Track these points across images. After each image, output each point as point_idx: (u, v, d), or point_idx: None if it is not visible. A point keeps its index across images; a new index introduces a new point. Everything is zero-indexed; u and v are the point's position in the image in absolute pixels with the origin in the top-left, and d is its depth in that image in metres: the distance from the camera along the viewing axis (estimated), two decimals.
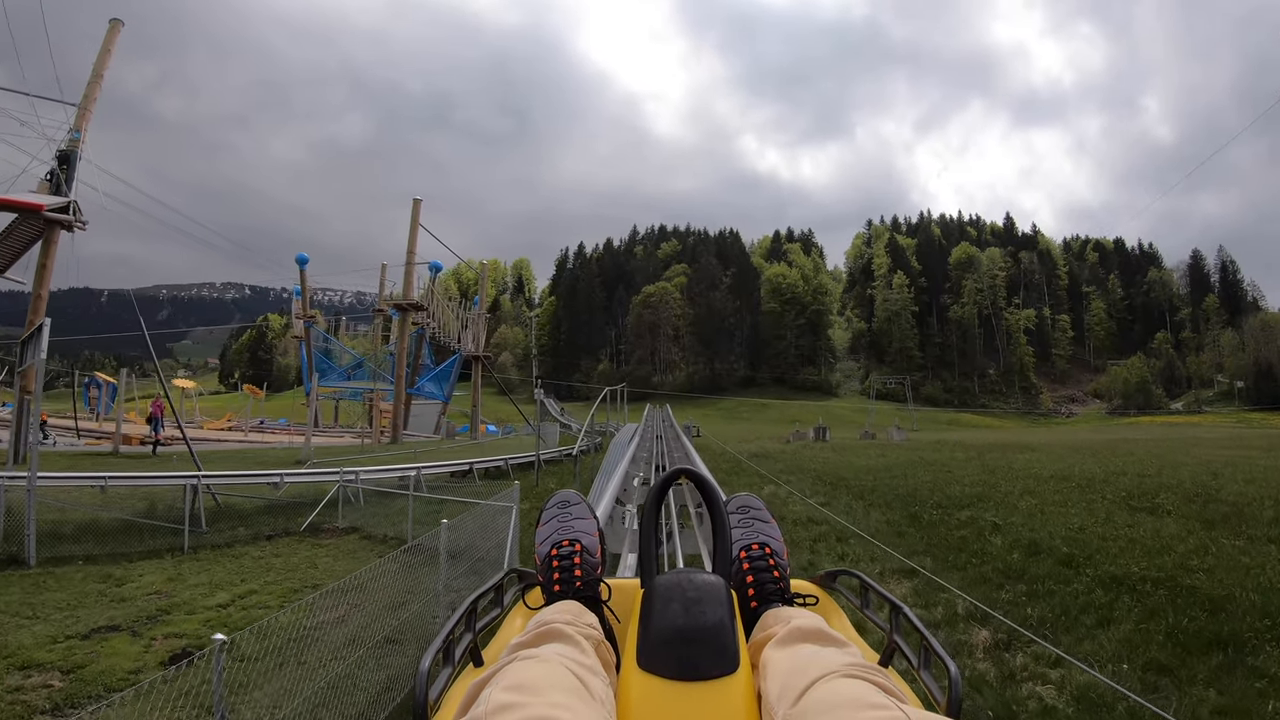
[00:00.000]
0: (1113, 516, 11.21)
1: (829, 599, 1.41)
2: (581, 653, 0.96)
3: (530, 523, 12.84)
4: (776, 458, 21.66)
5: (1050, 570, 8.43)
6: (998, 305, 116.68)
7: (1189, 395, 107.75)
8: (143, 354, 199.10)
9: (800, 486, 15.54)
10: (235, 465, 20.75)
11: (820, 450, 24.37)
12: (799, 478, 16.99)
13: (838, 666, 0.85)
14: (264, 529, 13.16)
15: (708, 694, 0.86)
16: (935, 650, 0.99)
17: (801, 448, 25.91)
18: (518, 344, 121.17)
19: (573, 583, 1.24)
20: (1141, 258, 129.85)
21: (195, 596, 9.41)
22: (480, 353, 40.53)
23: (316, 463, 17.25)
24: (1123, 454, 21.21)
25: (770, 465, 19.65)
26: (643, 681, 0.88)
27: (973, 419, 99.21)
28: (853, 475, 16.76)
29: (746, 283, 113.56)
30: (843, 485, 15.35)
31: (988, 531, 10.20)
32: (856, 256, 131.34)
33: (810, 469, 18.53)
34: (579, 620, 1.08)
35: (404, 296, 32.97)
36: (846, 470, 17.80)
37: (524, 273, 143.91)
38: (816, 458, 21.47)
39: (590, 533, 1.36)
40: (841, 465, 19.05)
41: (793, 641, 0.99)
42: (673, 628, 0.93)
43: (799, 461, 20.66)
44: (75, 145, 22.59)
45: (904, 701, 0.78)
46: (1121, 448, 24.05)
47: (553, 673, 0.85)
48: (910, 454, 21.84)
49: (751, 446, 26.37)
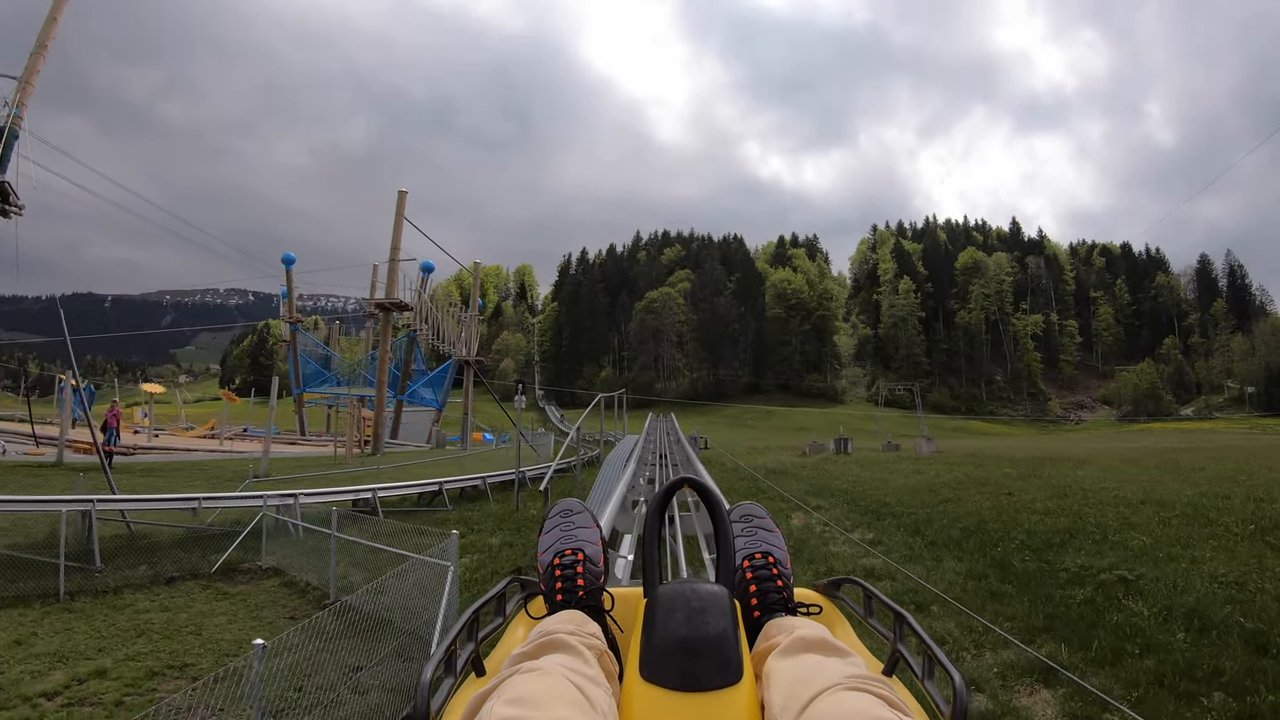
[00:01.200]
0: (1265, 561, 8.36)
1: (833, 608, 1.39)
2: (584, 663, 0.94)
3: (482, 576, 10.12)
4: (797, 474, 18.82)
5: (1246, 663, 5.60)
6: (1004, 311, 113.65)
7: (1199, 401, 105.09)
8: (144, 358, 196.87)
9: (835, 515, 12.74)
10: (184, 480, 18.11)
11: (845, 465, 21.44)
12: (830, 502, 14.13)
13: (842, 678, 0.83)
14: (170, 568, 10.39)
15: (711, 705, 0.85)
16: (939, 660, 0.97)
17: (822, 461, 22.96)
18: (520, 350, 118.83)
19: (575, 592, 1.22)
20: (1148, 262, 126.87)
21: (25, 675, 6.68)
22: (472, 357, 37.66)
23: (254, 482, 14.42)
24: (1191, 468, 18.31)
25: (792, 484, 16.83)
26: (646, 692, 0.87)
27: (981, 426, 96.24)
28: (895, 499, 13.89)
29: (751, 288, 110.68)
30: (887, 514, 12.48)
31: (1118, 591, 7.33)
32: (861, 262, 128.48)
33: (840, 489, 15.67)
34: (582, 630, 1.06)
35: (387, 296, 30.15)
36: (884, 492, 14.95)
37: (527, 278, 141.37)
38: (843, 474, 18.59)
39: (593, 542, 1.33)
40: (875, 484, 16.19)
41: (796, 651, 0.98)
42: (675, 638, 0.91)
43: (824, 479, 17.77)
44: (15, 122, 20.02)
45: (908, 714, 0.77)
46: (1183, 460, 21.09)
47: (554, 685, 0.84)
48: (949, 469, 19.00)
49: (766, 460, 23.47)
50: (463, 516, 13.28)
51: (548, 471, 14.10)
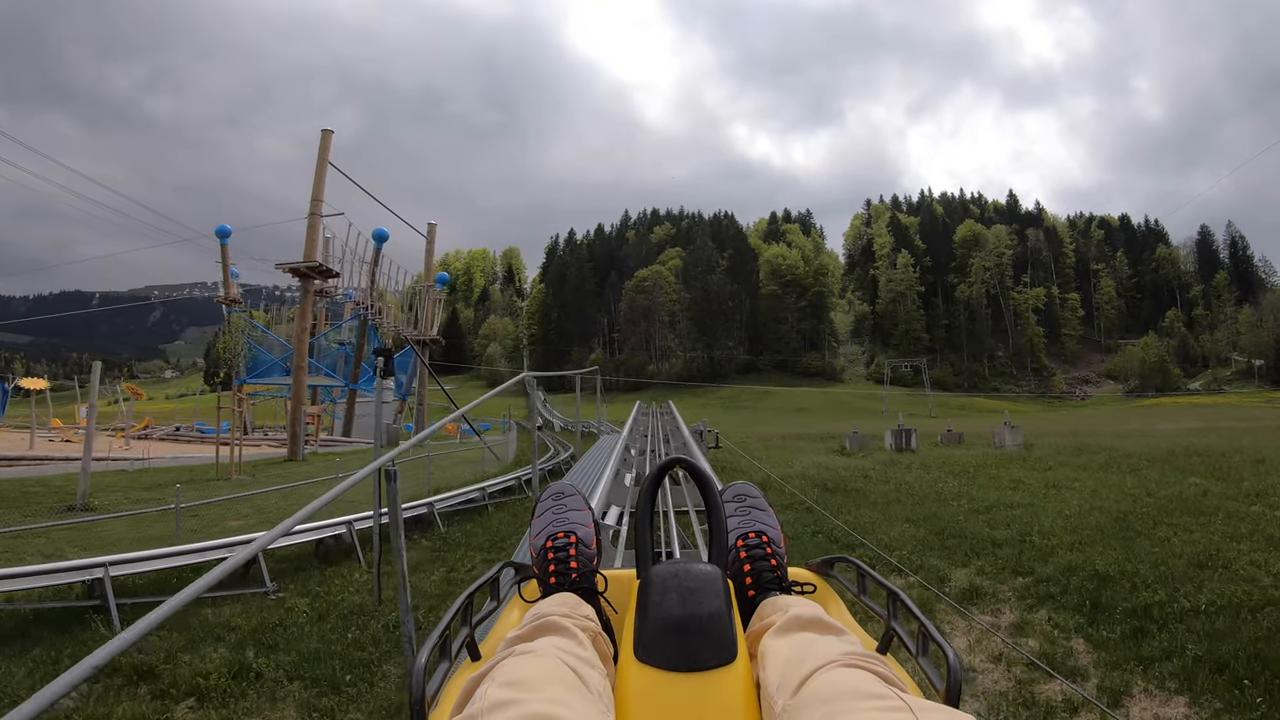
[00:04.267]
0: None
1: (827, 587, 1.37)
2: (578, 645, 0.93)
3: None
4: (865, 493, 11.69)
5: None
6: (1005, 285, 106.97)
7: (1206, 375, 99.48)
8: (131, 356, 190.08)
9: (1021, 608, 5.98)
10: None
11: (927, 474, 13.98)
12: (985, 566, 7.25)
13: (837, 656, 0.82)
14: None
15: (706, 684, 0.84)
16: (933, 637, 0.97)
17: (887, 467, 15.46)
18: (508, 335, 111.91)
19: (569, 575, 1.19)
20: (1148, 234, 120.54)
21: None
22: (427, 336, 30.56)
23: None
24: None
25: (871, 515, 9.94)
26: (640, 673, 0.86)
27: (986, 403, 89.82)
28: (1102, 561, 6.83)
29: (744, 264, 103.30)
30: (1130, 611, 5.61)
31: None
32: (856, 238, 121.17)
33: (962, 529, 8.76)
34: (576, 613, 1.04)
35: (305, 257, 22.96)
36: (1052, 534, 8.03)
37: (514, 262, 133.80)
38: (937, 491, 11.43)
39: (585, 524, 1.30)
40: (1013, 515, 9.15)
41: (791, 630, 0.96)
42: (670, 618, 0.90)
43: (916, 504, 10.62)
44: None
45: (904, 690, 0.76)
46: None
47: (549, 667, 0.82)
48: (1087, 476, 12.23)
49: (801, 464, 16.26)
50: (261, 625, 6.39)
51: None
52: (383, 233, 34.69)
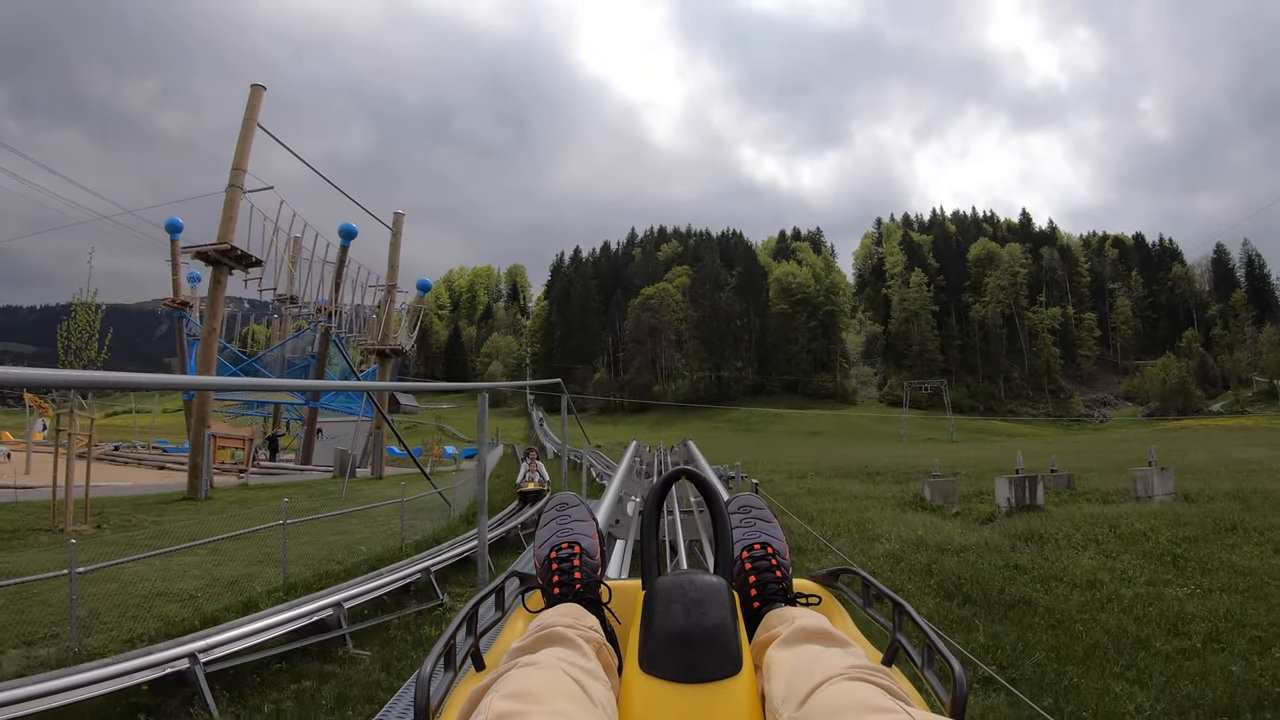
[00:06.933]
0: None
1: (832, 598, 1.32)
2: (582, 656, 0.90)
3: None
4: (1035, 605, 6.28)
5: None
6: (1020, 304, 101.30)
7: (1227, 396, 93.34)
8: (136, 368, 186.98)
9: None
10: None
11: (1109, 561, 8.06)
12: None
13: (843, 669, 0.80)
14: None
15: (711, 696, 0.82)
16: (939, 649, 0.93)
17: (1025, 542, 8.95)
18: (511, 353, 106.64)
19: (573, 585, 1.16)
20: (1162, 253, 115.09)
21: None
22: (390, 345, 25.09)
23: None
24: None
25: (1108, 692, 4.71)
26: (645, 684, 0.84)
27: (1004, 426, 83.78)
28: None
29: (753, 282, 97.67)
30: None
31: None
32: (866, 257, 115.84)
33: None
34: (580, 623, 1.01)
35: (219, 238, 17.49)
36: None
37: (519, 279, 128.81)
38: (1168, 613, 6.13)
39: (590, 535, 1.26)
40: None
41: (796, 642, 0.93)
42: (674, 629, 0.88)
43: (1152, 642, 5.30)
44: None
45: (910, 704, 0.74)
46: None
47: (553, 679, 0.80)
48: None
49: (883, 528, 10.51)
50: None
51: None
52: (350, 228, 29.31)
